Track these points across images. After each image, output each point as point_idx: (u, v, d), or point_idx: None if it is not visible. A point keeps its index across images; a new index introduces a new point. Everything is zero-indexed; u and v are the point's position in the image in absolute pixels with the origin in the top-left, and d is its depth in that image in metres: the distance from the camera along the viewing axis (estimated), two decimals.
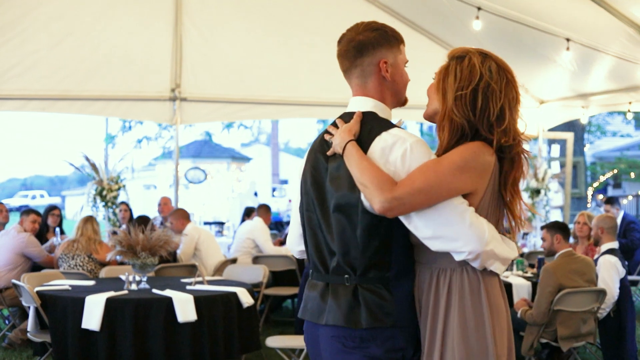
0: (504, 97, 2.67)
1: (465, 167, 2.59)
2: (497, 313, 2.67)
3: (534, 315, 6.27)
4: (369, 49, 2.81)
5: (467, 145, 2.66)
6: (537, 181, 11.40)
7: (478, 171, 2.63)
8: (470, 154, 2.63)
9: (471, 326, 2.63)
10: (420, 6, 9.50)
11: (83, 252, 7.85)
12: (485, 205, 2.67)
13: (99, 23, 9.36)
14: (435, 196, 2.55)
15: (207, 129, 31.76)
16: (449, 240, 2.56)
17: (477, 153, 2.63)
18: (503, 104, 2.67)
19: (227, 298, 6.26)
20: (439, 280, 2.69)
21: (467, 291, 2.65)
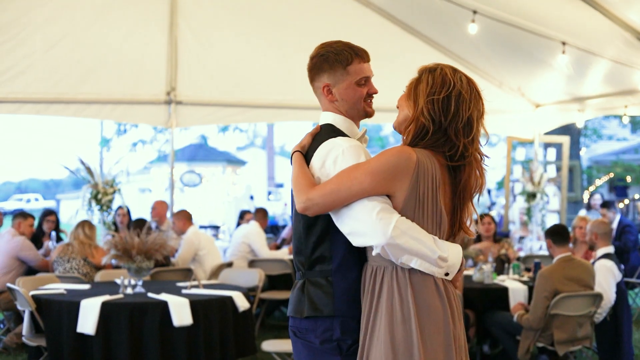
0: (473, 107, 2.87)
1: (377, 170, 2.77)
2: (427, 312, 2.79)
3: (530, 320, 6.26)
4: (313, 75, 3.16)
5: (388, 150, 2.85)
6: (533, 185, 11.40)
7: (391, 174, 2.78)
8: (387, 157, 2.81)
9: (397, 321, 2.78)
10: (416, 9, 9.49)
11: (78, 256, 7.83)
12: (409, 206, 2.80)
13: (94, 26, 9.33)
14: (345, 196, 2.79)
15: (203, 133, 31.74)
16: (360, 235, 2.79)
17: (394, 157, 2.80)
18: (472, 114, 2.86)
19: (223, 302, 6.25)
20: (376, 276, 2.87)
21: (395, 288, 2.81)
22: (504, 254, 8.04)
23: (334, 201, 2.80)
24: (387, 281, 2.83)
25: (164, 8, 9.58)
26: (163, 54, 9.91)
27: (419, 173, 2.78)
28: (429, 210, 2.82)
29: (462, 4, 8.23)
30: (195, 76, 10.19)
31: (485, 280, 7.26)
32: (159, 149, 30.02)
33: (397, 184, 2.79)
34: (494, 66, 10.22)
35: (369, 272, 2.89)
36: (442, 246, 2.81)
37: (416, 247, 2.76)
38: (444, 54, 10.19)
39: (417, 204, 2.80)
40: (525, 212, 11.55)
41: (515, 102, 11.12)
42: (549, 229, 6.79)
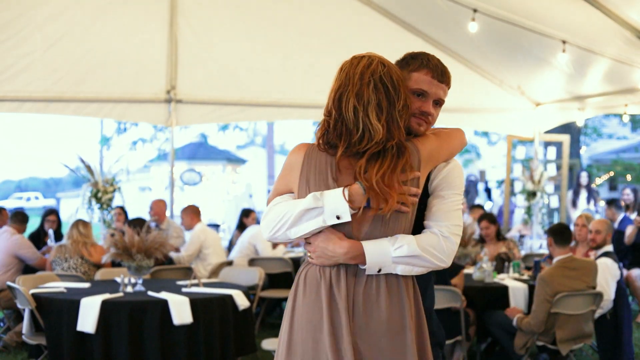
0: (352, 98, 2.77)
1: (283, 168, 2.96)
2: (292, 301, 2.93)
3: (532, 324, 6.23)
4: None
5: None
6: (533, 184, 11.40)
7: (287, 170, 2.92)
8: (286, 158, 2.95)
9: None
10: (416, 8, 9.49)
11: (74, 255, 7.83)
12: (302, 195, 2.86)
13: (94, 25, 9.33)
14: (270, 199, 2.99)
15: (203, 131, 31.72)
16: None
17: (289, 156, 2.94)
18: (355, 105, 2.76)
19: (223, 300, 6.25)
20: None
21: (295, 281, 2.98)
22: (504, 253, 8.03)
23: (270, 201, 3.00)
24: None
25: (164, 6, 9.57)
26: (163, 53, 9.91)
27: (306, 165, 2.84)
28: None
29: (463, 2, 8.22)
30: (195, 75, 10.19)
31: (485, 279, 7.26)
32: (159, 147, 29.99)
33: (291, 179, 2.89)
34: (494, 65, 10.22)
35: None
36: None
37: (283, 210, 2.84)
38: (444, 52, 10.19)
39: (307, 192, 2.82)
40: (526, 211, 11.56)
41: (515, 100, 11.12)
42: (551, 228, 6.77)
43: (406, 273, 2.78)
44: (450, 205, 2.87)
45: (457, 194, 2.90)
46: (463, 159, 29.81)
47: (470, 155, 29.61)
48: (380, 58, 2.82)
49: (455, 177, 2.92)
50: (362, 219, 2.77)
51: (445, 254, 2.79)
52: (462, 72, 10.48)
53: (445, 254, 2.79)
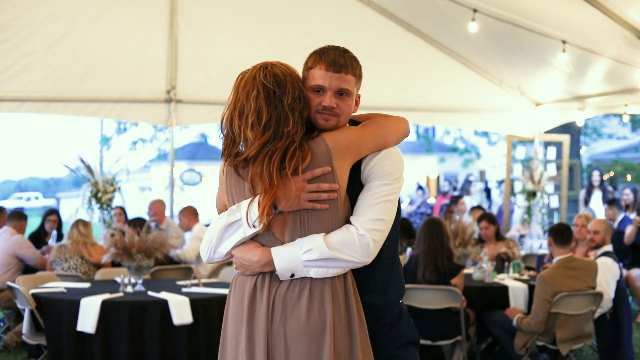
0: (230, 109, 2.90)
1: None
2: (225, 307, 3.01)
3: (532, 324, 6.23)
4: (359, 82, 3.04)
5: None
6: (533, 184, 11.40)
7: (219, 185, 2.99)
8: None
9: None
10: (416, 8, 9.49)
11: (75, 255, 7.84)
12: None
13: (94, 25, 9.33)
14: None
15: (203, 131, 31.68)
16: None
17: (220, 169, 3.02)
18: (231, 116, 2.88)
19: (223, 300, 6.23)
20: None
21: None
22: (504, 253, 8.03)
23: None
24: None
25: (164, 6, 9.57)
26: (163, 53, 9.91)
27: (227, 179, 2.90)
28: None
29: (463, 2, 8.22)
30: (195, 74, 10.19)
31: (485, 279, 7.26)
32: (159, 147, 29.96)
33: (221, 193, 2.96)
34: (494, 65, 10.22)
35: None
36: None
37: (210, 232, 2.91)
38: (444, 52, 10.20)
39: (230, 205, 2.89)
40: (526, 211, 11.55)
41: (515, 100, 11.12)
42: (552, 227, 6.77)
43: (321, 275, 2.74)
44: (374, 198, 2.79)
45: (386, 184, 2.81)
46: (463, 159, 29.79)
47: (470, 155, 29.58)
48: (264, 63, 2.86)
49: (385, 166, 2.83)
50: (283, 224, 2.78)
51: (359, 252, 2.72)
52: (462, 72, 10.48)
53: (359, 252, 2.72)
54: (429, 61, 10.29)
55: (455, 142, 29.09)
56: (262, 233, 2.81)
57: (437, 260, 6.53)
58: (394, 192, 2.83)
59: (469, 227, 8.15)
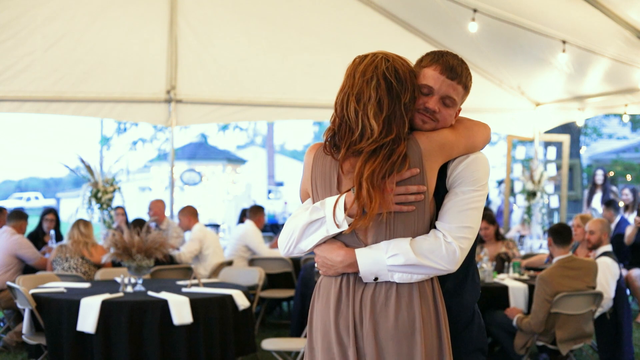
0: (352, 99, 2.73)
1: (303, 168, 2.92)
2: (311, 310, 2.91)
3: (532, 324, 6.22)
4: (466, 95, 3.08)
5: None
6: (533, 184, 11.40)
7: (303, 171, 2.90)
8: (304, 155, 2.94)
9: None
10: (416, 8, 9.49)
11: (75, 255, 7.84)
12: (311, 198, 2.87)
13: (94, 25, 9.33)
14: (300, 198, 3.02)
15: (203, 131, 31.73)
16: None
17: (305, 154, 2.92)
18: (351, 105, 2.72)
19: (223, 300, 6.25)
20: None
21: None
22: (503, 253, 8.03)
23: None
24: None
25: (164, 6, 9.58)
26: (163, 53, 9.92)
27: (314, 167, 2.82)
28: (321, 198, 2.80)
29: (463, 2, 8.23)
30: (195, 74, 10.19)
31: (485, 279, 7.26)
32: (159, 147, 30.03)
33: (305, 180, 2.89)
34: (494, 65, 10.22)
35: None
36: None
37: (291, 226, 2.84)
38: None
39: (313, 195, 2.84)
40: (526, 211, 11.55)
41: (515, 100, 11.12)
42: (552, 228, 6.76)
43: (405, 281, 2.68)
44: (462, 204, 2.72)
45: (474, 190, 2.74)
46: None
47: None
48: (385, 54, 2.75)
49: (473, 172, 2.76)
50: (364, 224, 2.70)
51: (446, 259, 2.67)
52: None
53: (446, 260, 2.67)
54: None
55: None
56: (345, 233, 2.75)
57: None
58: (481, 199, 2.76)
59: None
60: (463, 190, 2.74)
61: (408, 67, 2.76)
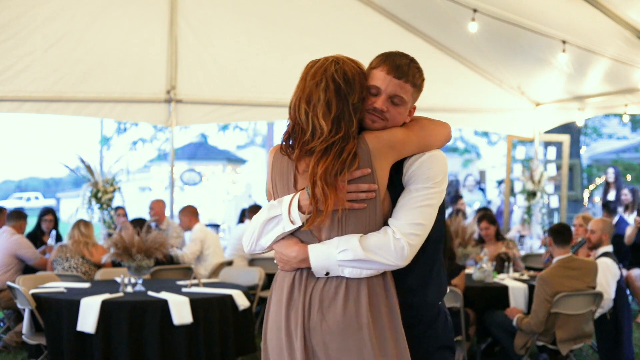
0: (301, 98, 2.87)
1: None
2: (267, 304, 3.02)
3: (532, 324, 6.22)
4: (418, 93, 3.03)
5: None
6: (533, 184, 11.40)
7: (267, 171, 2.99)
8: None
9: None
10: (416, 8, 9.49)
11: (76, 255, 7.84)
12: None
13: (94, 25, 9.33)
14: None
15: (203, 131, 31.67)
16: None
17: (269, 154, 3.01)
18: (302, 104, 2.85)
19: (223, 300, 6.25)
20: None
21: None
22: (503, 253, 8.03)
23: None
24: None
25: (164, 6, 9.57)
26: (163, 53, 9.91)
27: (273, 168, 2.92)
28: (280, 196, 2.90)
29: (463, 2, 8.22)
30: (195, 74, 10.19)
31: (485, 279, 7.26)
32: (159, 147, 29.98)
33: (268, 181, 2.99)
34: (494, 65, 10.21)
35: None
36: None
37: (253, 224, 2.94)
38: (444, 52, 10.20)
39: (273, 194, 2.93)
40: (526, 211, 11.55)
41: (515, 100, 11.12)
42: (552, 227, 6.75)
43: (354, 276, 2.74)
44: (414, 201, 2.78)
45: (427, 187, 2.79)
46: (463, 159, 29.79)
47: (470, 155, 29.58)
48: (336, 57, 2.85)
49: (427, 169, 2.81)
50: (320, 221, 2.79)
51: (394, 255, 2.72)
52: (462, 72, 10.48)
53: (394, 256, 2.72)
54: (429, 61, 10.19)
55: (455, 142, 29.08)
56: (301, 230, 2.84)
57: None
58: (434, 196, 2.81)
59: (469, 227, 8.15)
60: (417, 187, 2.80)
61: (357, 69, 2.84)
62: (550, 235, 6.58)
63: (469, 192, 17.14)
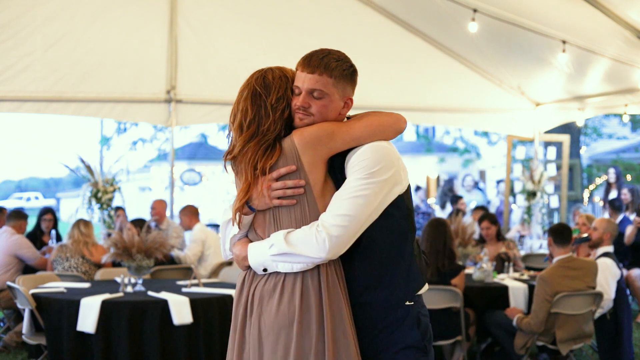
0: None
1: None
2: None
3: (532, 324, 6.22)
4: (345, 83, 3.01)
5: None
6: (533, 184, 11.39)
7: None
8: None
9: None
10: (416, 8, 9.49)
11: (76, 255, 7.84)
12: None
13: (94, 24, 9.33)
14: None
15: (203, 131, 31.65)
16: None
17: None
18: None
19: (223, 300, 6.25)
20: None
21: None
22: (503, 253, 8.03)
23: None
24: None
25: (164, 6, 9.57)
26: (163, 53, 9.91)
27: (235, 178, 3.01)
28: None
29: (463, 2, 8.22)
30: (195, 74, 10.18)
31: (485, 279, 7.26)
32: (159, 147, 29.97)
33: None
34: (494, 65, 10.21)
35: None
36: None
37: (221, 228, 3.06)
38: (444, 52, 10.19)
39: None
40: (526, 211, 11.55)
41: (515, 100, 11.12)
42: (552, 228, 6.75)
43: (287, 270, 2.75)
44: (344, 193, 2.75)
45: (359, 178, 2.74)
46: (463, 159, 29.76)
47: (470, 155, 29.56)
48: (260, 70, 2.93)
49: (361, 160, 2.77)
50: (262, 221, 2.87)
51: (315, 248, 2.70)
52: (462, 72, 10.48)
53: (316, 249, 2.70)
54: (429, 61, 10.29)
55: (455, 142, 29.07)
56: (249, 230, 2.91)
57: (438, 262, 6.54)
58: (369, 187, 2.73)
59: (469, 227, 8.14)
60: (350, 179, 2.78)
61: (280, 73, 2.91)
62: (550, 235, 6.58)
63: (467, 192, 17.15)
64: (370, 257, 2.81)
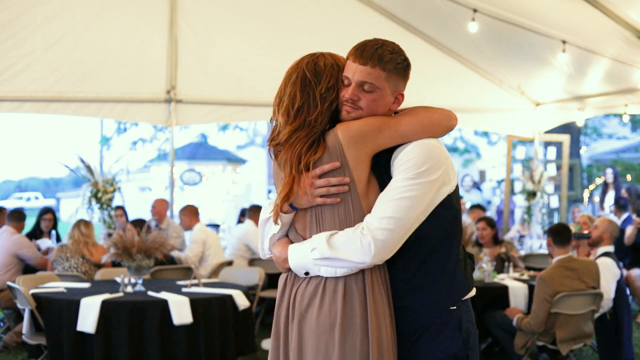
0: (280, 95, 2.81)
1: None
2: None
3: (532, 324, 6.21)
4: (397, 78, 2.92)
5: None
6: (533, 184, 11.40)
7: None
8: None
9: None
10: (416, 8, 9.49)
11: (76, 255, 7.84)
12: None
13: (94, 24, 9.33)
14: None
15: (203, 131, 31.65)
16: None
17: None
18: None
19: (223, 300, 6.25)
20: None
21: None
22: (503, 253, 8.02)
23: None
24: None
25: (164, 6, 9.57)
26: (163, 53, 9.91)
27: (274, 170, 2.90)
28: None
29: (463, 2, 8.23)
30: (195, 74, 10.19)
31: (485, 279, 7.26)
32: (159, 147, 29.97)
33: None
34: (494, 65, 10.21)
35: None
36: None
37: (259, 226, 2.93)
38: (444, 52, 10.19)
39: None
40: (526, 211, 11.55)
41: (515, 100, 11.12)
42: (551, 228, 6.75)
43: (330, 275, 2.63)
44: (390, 194, 2.60)
45: (406, 178, 2.60)
46: (463, 159, 29.78)
47: (470, 155, 29.59)
48: (316, 53, 2.80)
49: (409, 159, 2.63)
50: (304, 220, 2.74)
51: (360, 252, 2.57)
52: (462, 72, 10.48)
53: (360, 253, 2.57)
54: (429, 61, 10.29)
55: (455, 142, 29.08)
56: (289, 229, 2.78)
57: None
58: (416, 187, 2.59)
59: (469, 228, 8.14)
60: (396, 179, 2.64)
61: (332, 61, 2.78)
62: (549, 235, 6.58)
63: (466, 192, 17.17)
64: (414, 259, 2.69)
